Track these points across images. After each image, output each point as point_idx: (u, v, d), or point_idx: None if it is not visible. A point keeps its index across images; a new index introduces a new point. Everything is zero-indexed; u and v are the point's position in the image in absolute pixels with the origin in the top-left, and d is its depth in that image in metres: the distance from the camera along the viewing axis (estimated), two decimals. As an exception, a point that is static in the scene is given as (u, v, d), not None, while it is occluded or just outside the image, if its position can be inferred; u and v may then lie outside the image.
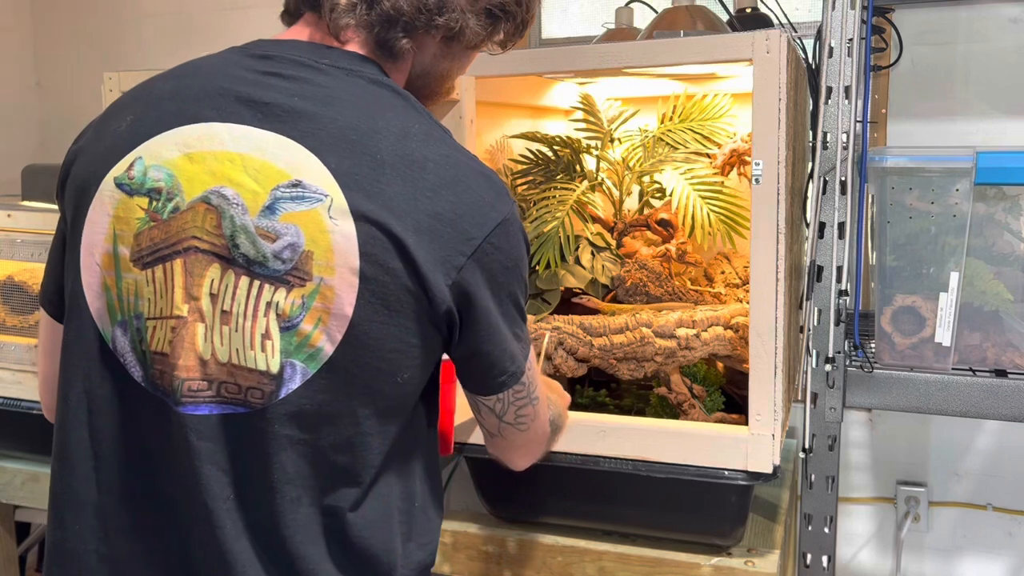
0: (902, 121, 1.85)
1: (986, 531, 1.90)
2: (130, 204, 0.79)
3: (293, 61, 0.82)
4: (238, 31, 0.85)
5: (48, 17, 2.62)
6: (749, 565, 1.26)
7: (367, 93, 0.81)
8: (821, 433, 1.32)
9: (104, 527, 0.82)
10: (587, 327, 1.39)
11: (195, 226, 0.77)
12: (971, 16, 1.79)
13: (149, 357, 0.79)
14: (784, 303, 1.19)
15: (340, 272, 0.75)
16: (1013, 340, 1.29)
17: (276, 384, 0.76)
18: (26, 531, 2.22)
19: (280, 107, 0.78)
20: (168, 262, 0.78)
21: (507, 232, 0.81)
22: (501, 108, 1.59)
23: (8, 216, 1.66)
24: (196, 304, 0.77)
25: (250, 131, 0.78)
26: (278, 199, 0.76)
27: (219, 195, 0.77)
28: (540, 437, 0.97)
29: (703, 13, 1.59)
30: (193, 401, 0.77)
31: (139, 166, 0.79)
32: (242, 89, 0.80)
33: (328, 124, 0.77)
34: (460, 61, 0.93)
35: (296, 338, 0.76)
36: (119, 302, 0.80)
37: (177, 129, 0.80)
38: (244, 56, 0.84)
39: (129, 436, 0.81)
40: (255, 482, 0.78)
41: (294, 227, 0.75)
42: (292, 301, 0.75)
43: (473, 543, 1.38)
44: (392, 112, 0.81)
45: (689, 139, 1.52)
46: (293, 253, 0.75)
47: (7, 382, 1.65)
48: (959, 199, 1.26)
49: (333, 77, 0.81)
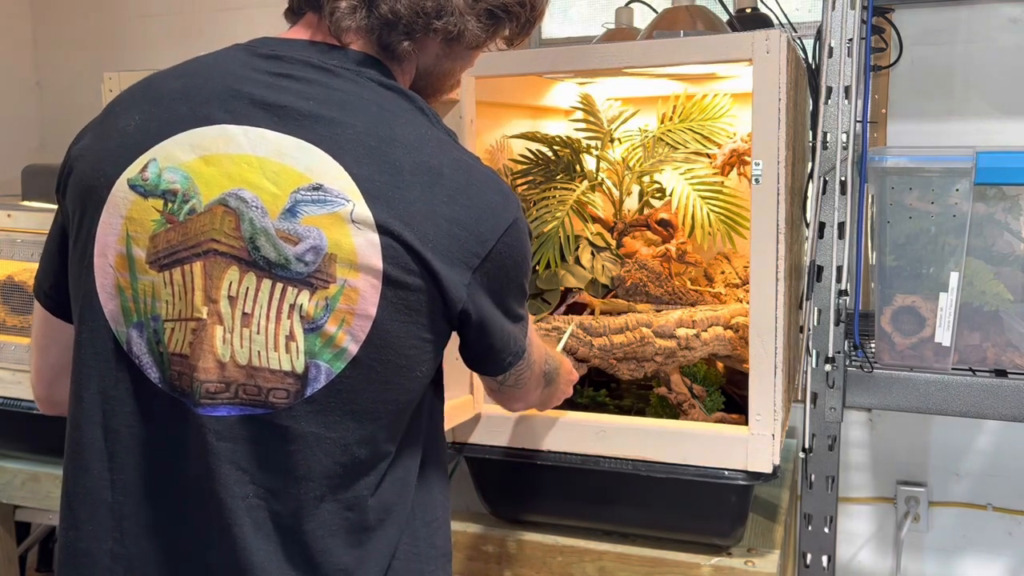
0: (902, 121, 1.85)
1: (986, 531, 1.90)
2: (144, 206, 0.79)
3: (303, 62, 0.82)
4: (238, 31, 0.85)
5: (48, 17, 2.62)
6: (749, 565, 1.26)
7: (378, 97, 0.82)
8: (821, 433, 1.32)
9: (119, 527, 0.82)
10: (587, 327, 1.39)
11: (213, 228, 0.77)
12: (971, 16, 1.79)
13: (167, 359, 0.79)
14: (784, 303, 1.19)
15: (364, 275, 0.76)
16: (1013, 340, 1.29)
17: (302, 384, 0.77)
18: (26, 531, 2.22)
19: (296, 110, 0.79)
20: (187, 264, 0.78)
21: (517, 232, 0.84)
22: (501, 108, 1.59)
23: (8, 216, 1.66)
24: (215, 307, 0.77)
25: (266, 134, 0.78)
26: (299, 202, 0.77)
27: (237, 198, 0.77)
28: (535, 388, 1.03)
29: (703, 13, 1.58)
30: (212, 403, 0.78)
31: (153, 168, 0.80)
32: (255, 91, 0.80)
33: (346, 129, 0.78)
34: (463, 60, 0.93)
35: (320, 339, 0.77)
36: (134, 304, 0.80)
37: (191, 131, 0.80)
38: (251, 56, 0.84)
39: (144, 437, 0.81)
40: (277, 481, 0.79)
41: (316, 230, 0.76)
42: (316, 303, 0.76)
43: (473, 543, 1.38)
44: (405, 119, 0.82)
45: (689, 139, 1.52)
46: (316, 256, 0.76)
47: (7, 382, 1.65)
48: (959, 199, 1.26)
49: (344, 79, 0.82)
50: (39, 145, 2.62)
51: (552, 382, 1.07)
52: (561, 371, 1.11)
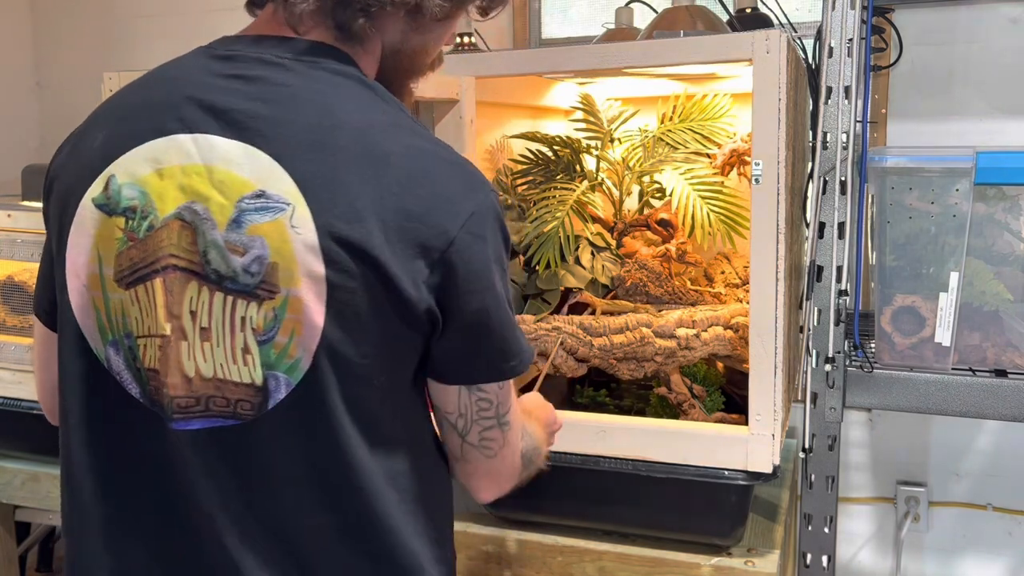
0: (902, 121, 1.85)
1: (986, 531, 1.90)
2: (109, 224, 0.79)
3: (255, 59, 0.80)
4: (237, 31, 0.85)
5: (48, 17, 2.62)
6: (749, 565, 1.26)
7: (329, 86, 0.79)
8: (821, 433, 1.32)
9: (116, 543, 0.83)
10: (587, 327, 1.39)
11: (171, 243, 0.76)
12: (971, 16, 1.79)
13: (144, 374, 0.79)
14: (784, 303, 1.19)
15: (305, 282, 0.73)
16: (1013, 340, 1.29)
17: (263, 396, 0.76)
18: (26, 531, 2.22)
19: (242, 112, 0.76)
20: (148, 281, 0.77)
21: (483, 223, 0.77)
22: (501, 108, 1.59)
23: (8, 216, 1.66)
24: (178, 322, 0.76)
25: (215, 141, 0.76)
26: (243, 211, 0.74)
27: (191, 211, 0.76)
28: (509, 468, 0.91)
29: (703, 13, 1.58)
30: (184, 417, 0.77)
31: (114, 184, 0.79)
32: (205, 96, 0.78)
33: (289, 127, 0.76)
34: (435, 33, 0.88)
35: (274, 351, 0.75)
36: (109, 322, 0.80)
37: (148, 144, 0.78)
38: (208, 58, 0.82)
39: (131, 452, 0.81)
40: (255, 490, 0.78)
41: (260, 239, 0.74)
42: (264, 314, 0.75)
43: (473, 543, 1.38)
44: (354, 104, 0.78)
45: (689, 139, 1.52)
46: (260, 266, 0.74)
47: (7, 382, 1.65)
48: (959, 199, 1.26)
49: (295, 72, 0.79)
50: (39, 145, 2.62)
51: (531, 465, 0.96)
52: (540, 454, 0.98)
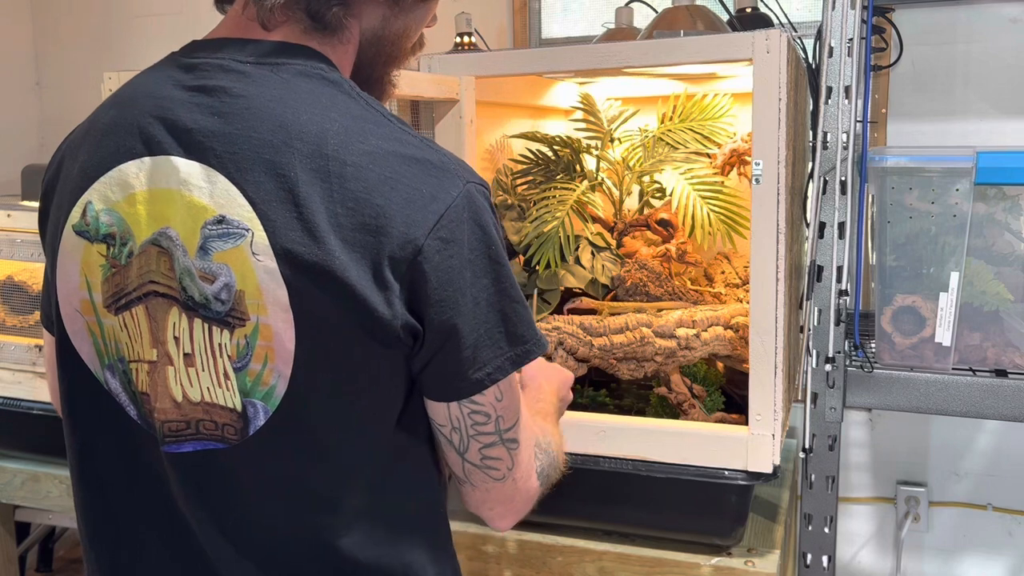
0: (902, 121, 1.85)
1: (986, 531, 1.90)
2: (92, 251, 0.78)
3: (216, 67, 0.77)
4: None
5: (48, 17, 2.62)
6: (749, 565, 1.26)
7: (289, 92, 0.75)
8: (821, 433, 1.32)
9: (132, 562, 0.83)
10: (587, 327, 1.39)
11: (151, 270, 0.75)
12: (971, 16, 1.79)
13: (139, 397, 0.79)
14: (784, 303, 1.19)
15: (272, 310, 0.71)
16: (1013, 340, 1.29)
17: (244, 422, 0.75)
18: (26, 531, 2.22)
19: (202, 132, 0.74)
20: (133, 307, 0.77)
21: (455, 224, 0.72)
22: (501, 108, 1.59)
23: (8, 216, 1.66)
24: (164, 348, 0.76)
25: (178, 163, 0.74)
26: (208, 237, 0.73)
27: (166, 237, 0.75)
28: (523, 493, 0.84)
29: (703, 13, 1.59)
30: (176, 440, 0.77)
31: (91, 211, 0.78)
32: (169, 114, 0.76)
33: (244, 143, 0.73)
34: (416, 14, 0.84)
35: (248, 378, 0.74)
36: (104, 347, 0.80)
37: (118, 168, 0.77)
38: (175, 68, 0.79)
39: (135, 473, 0.82)
40: (243, 511, 0.78)
41: (225, 267, 0.72)
42: (237, 342, 0.73)
43: (473, 543, 1.38)
44: (315, 110, 0.74)
45: (689, 139, 1.52)
46: (229, 294, 0.73)
47: (7, 382, 1.65)
48: (959, 199, 1.26)
49: (253, 80, 0.75)
50: (39, 145, 2.62)
51: (548, 482, 0.90)
52: (557, 467, 0.92)
